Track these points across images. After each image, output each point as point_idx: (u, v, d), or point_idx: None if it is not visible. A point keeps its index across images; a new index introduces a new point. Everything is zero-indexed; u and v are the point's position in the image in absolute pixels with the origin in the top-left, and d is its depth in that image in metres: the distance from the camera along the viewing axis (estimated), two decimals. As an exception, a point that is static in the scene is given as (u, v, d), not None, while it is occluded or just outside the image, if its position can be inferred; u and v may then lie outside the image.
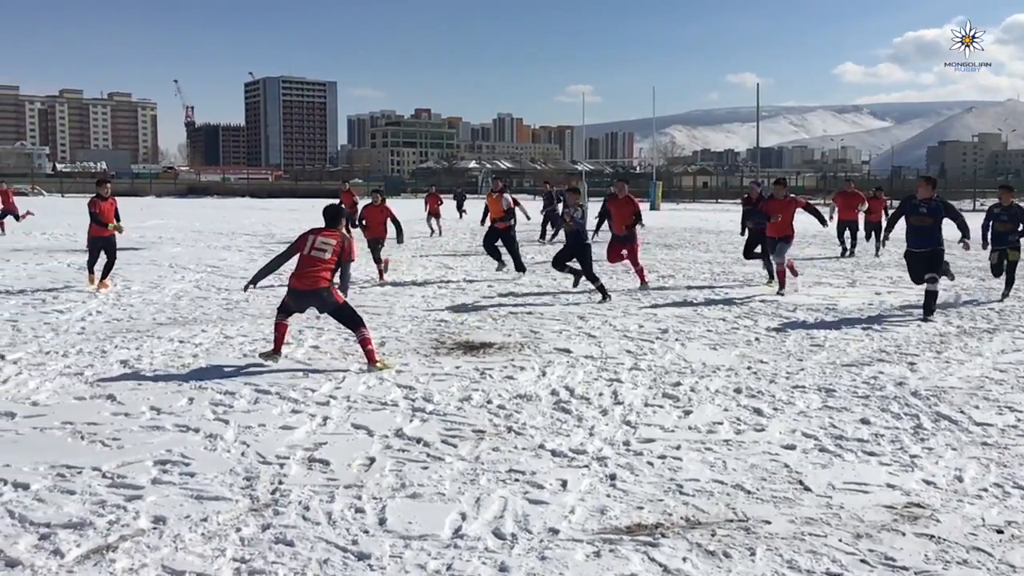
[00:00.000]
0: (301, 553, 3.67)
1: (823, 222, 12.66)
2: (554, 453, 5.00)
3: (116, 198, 12.58)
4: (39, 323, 9.23)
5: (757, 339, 8.57)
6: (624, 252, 12.04)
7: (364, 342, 7.23)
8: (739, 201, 27.65)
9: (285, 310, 7.43)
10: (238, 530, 3.88)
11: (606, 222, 12.24)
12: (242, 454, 4.97)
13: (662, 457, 4.95)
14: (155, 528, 3.89)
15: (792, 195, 12.29)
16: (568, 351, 7.92)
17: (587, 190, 52.25)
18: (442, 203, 25.39)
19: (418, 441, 5.21)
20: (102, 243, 11.99)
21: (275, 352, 7.39)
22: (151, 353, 7.72)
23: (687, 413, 5.87)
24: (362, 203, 16.66)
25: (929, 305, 9.67)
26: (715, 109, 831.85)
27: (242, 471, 4.66)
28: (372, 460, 4.86)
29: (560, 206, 24.70)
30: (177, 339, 8.40)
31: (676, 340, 8.45)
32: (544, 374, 6.99)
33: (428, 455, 4.96)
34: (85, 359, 7.47)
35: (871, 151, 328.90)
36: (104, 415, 5.74)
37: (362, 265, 13.74)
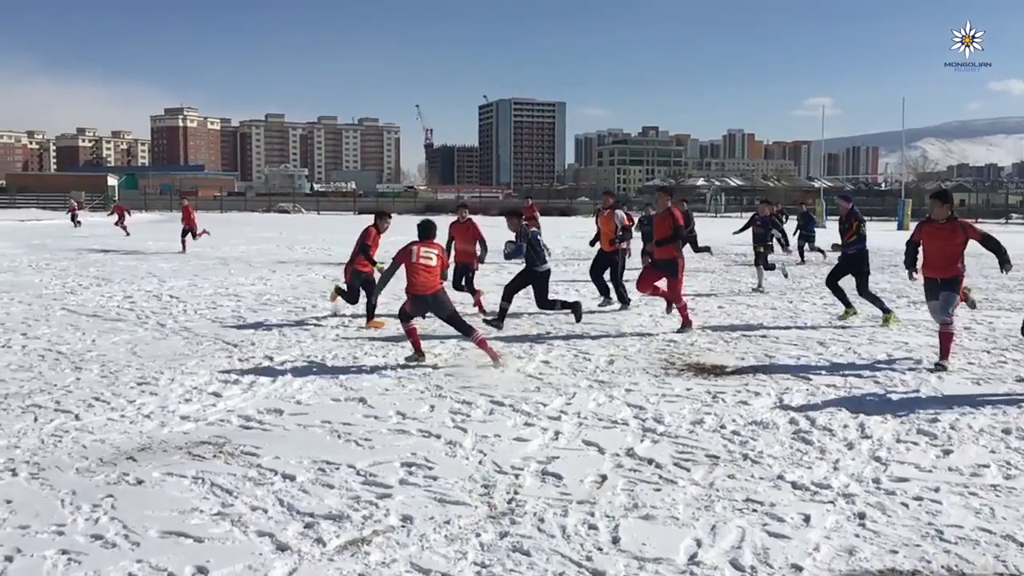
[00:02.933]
0: (537, 564, 3.75)
1: (1003, 263, 7.84)
2: (795, 485, 4.75)
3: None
4: (300, 330, 10.16)
5: (1028, 375, 7.67)
6: (658, 283, 10.12)
7: (481, 343, 7.99)
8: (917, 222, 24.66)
9: (408, 316, 8.20)
10: (478, 535, 4.03)
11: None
12: (479, 462, 5.16)
13: (918, 499, 4.56)
14: (403, 526, 4.14)
15: (961, 218, 8.13)
16: (807, 378, 7.52)
17: (825, 208, 49.69)
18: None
19: (650, 462, 5.15)
20: (362, 279, 10.78)
21: (418, 354, 8.15)
22: (396, 361, 8.24)
23: (946, 453, 5.37)
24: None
25: None
26: (974, 120, 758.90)
27: (480, 478, 4.85)
28: (604, 478, 4.88)
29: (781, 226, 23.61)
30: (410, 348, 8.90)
31: (931, 372, 7.76)
32: (781, 401, 6.68)
33: (660, 477, 4.89)
34: (340, 364, 8.12)
35: None
36: (357, 416, 6.21)
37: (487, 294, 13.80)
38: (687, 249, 13.79)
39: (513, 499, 4.52)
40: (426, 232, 8.42)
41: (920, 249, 8.24)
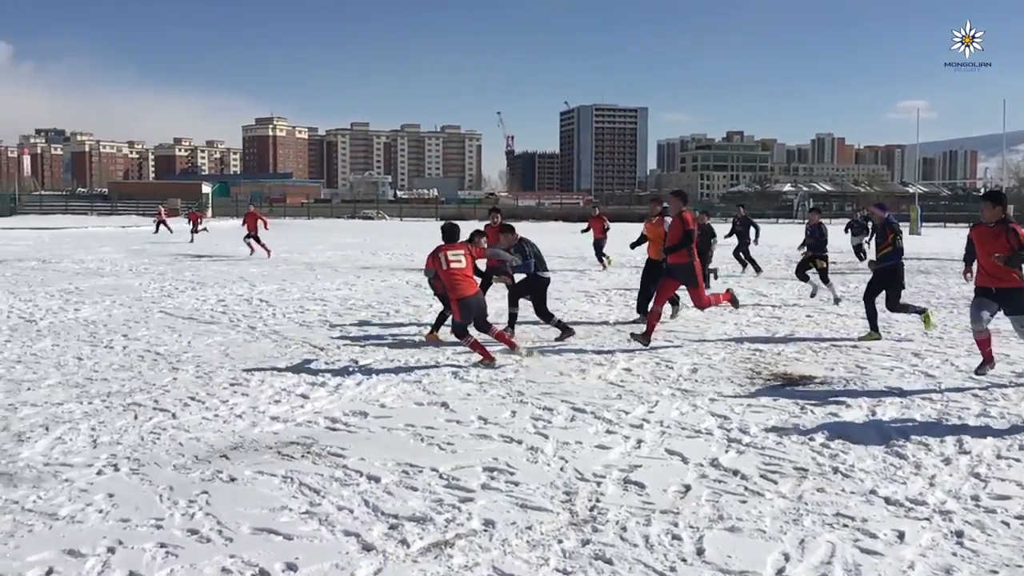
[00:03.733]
0: (620, 572, 3.72)
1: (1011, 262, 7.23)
2: (888, 501, 4.59)
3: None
4: (384, 334, 10.34)
5: None
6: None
7: (499, 337, 8.50)
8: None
9: (463, 330, 8.39)
10: (559, 542, 4.03)
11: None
12: (561, 469, 5.16)
13: (1020, 518, 4.35)
14: (485, 530, 4.17)
15: (1014, 222, 7.49)
16: (901, 390, 7.26)
17: (920, 214, 47.97)
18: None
19: (735, 473, 5.06)
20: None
21: (489, 359, 8.25)
22: (477, 366, 8.30)
23: (1052, 471, 5.10)
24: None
25: None
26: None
27: (561, 485, 4.84)
28: (688, 488, 4.81)
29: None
30: (497, 354, 8.95)
31: (1034, 385, 7.39)
32: (874, 414, 6.46)
33: (746, 489, 4.80)
34: (422, 368, 8.23)
35: None
36: (439, 421, 6.28)
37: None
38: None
39: (595, 507, 4.50)
40: (450, 235, 8.68)
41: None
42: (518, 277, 10.15)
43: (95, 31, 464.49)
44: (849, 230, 23.20)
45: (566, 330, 9.93)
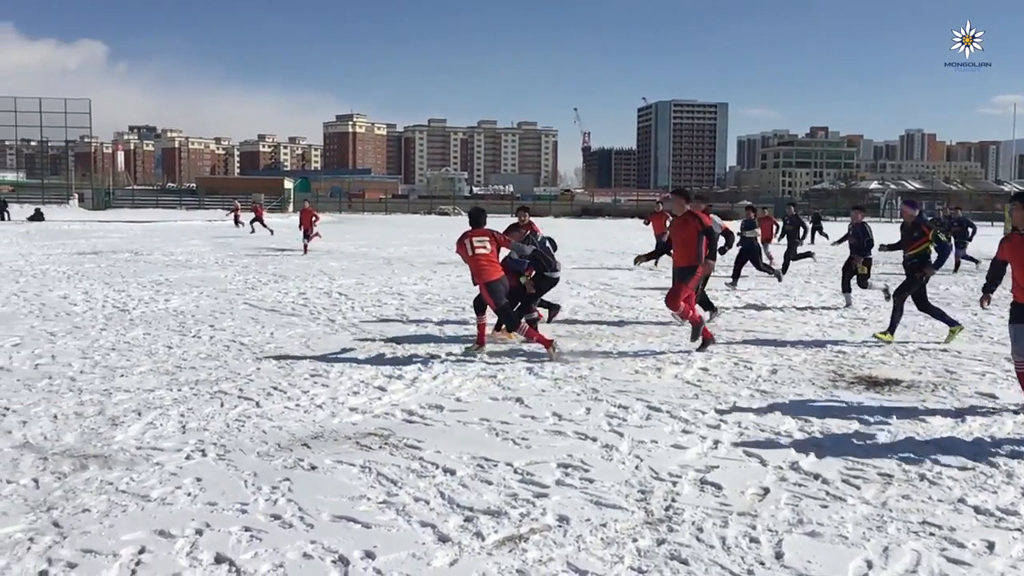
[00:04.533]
0: (696, 573, 3.68)
1: None
2: (977, 510, 4.43)
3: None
4: (460, 328, 10.44)
5: None
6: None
7: (480, 326, 8.77)
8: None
9: (510, 311, 8.68)
10: (634, 540, 4.01)
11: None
12: (636, 467, 5.13)
13: (1123, 534, 4.13)
14: (560, 526, 4.17)
15: None
16: (993, 396, 6.98)
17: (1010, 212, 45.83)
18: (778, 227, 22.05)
19: (816, 477, 4.94)
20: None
21: (479, 345, 8.71)
22: (552, 363, 8.31)
23: None
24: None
25: None
26: None
27: (636, 484, 4.81)
28: (766, 490, 4.72)
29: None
30: (576, 351, 8.94)
31: None
32: (963, 420, 6.22)
33: (827, 493, 4.68)
34: (497, 364, 8.28)
35: None
36: (514, 416, 6.31)
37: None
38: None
39: (671, 506, 4.46)
40: (476, 220, 8.85)
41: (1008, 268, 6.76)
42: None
43: (185, 31, 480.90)
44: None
45: (552, 308, 10.42)
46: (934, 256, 9.53)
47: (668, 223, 11.43)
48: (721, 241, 11.03)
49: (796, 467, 5.12)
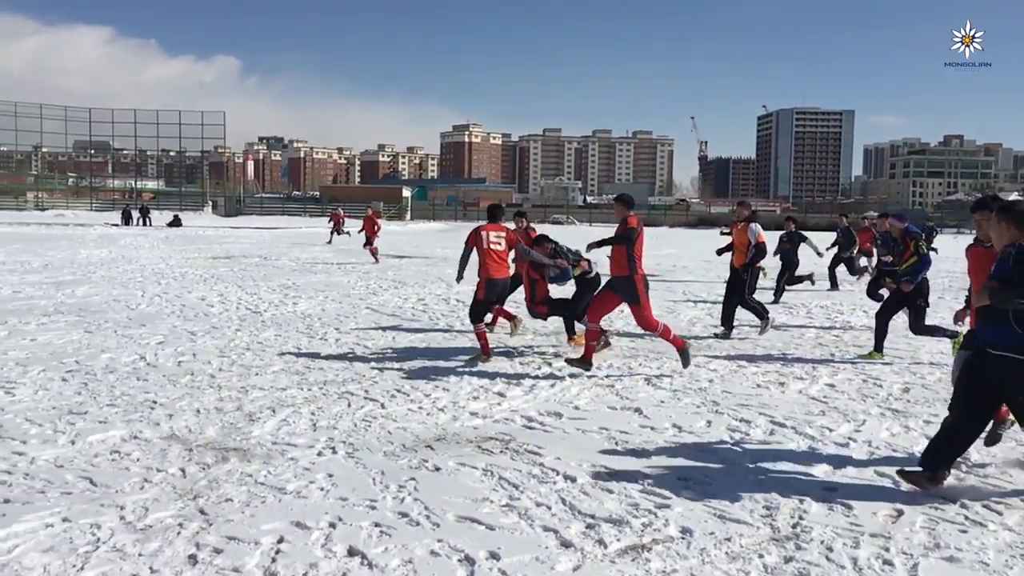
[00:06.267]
0: (825, 594, 3.58)
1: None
2: None
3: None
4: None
5: None
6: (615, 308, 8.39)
7: (480, 329, 8.75)
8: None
9: (480, 314, 8.72)
10: (760, 556, 3.94)
11: None
12: (759, 482, 5.02)
13: None
14: (683, 538, 4.14)
15: None
16: None
17: None
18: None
19: (954, 501, 4.72)
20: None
21: (486, 355, 8.61)
22: (671, 373, 8.23)
23: None
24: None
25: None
26: None
27: (761, 499, 4.72)
28: (900, 512, 4.54)
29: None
30: (693, 363, 8.82)
31: None
32: (1119, 447, 5.80)
33: (967, 518, 4.46)
34: (615, 373, 8.26)
35: None
36: (633, 426, 6.29)
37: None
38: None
39: (798, 524, 4.35)
40: (493, 215, 8.93)
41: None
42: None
43: (313, 46, 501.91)
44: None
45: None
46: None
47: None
48: (748, 252, 10.81)
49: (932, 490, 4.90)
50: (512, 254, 9.34)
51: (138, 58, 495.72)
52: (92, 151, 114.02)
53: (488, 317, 9.58)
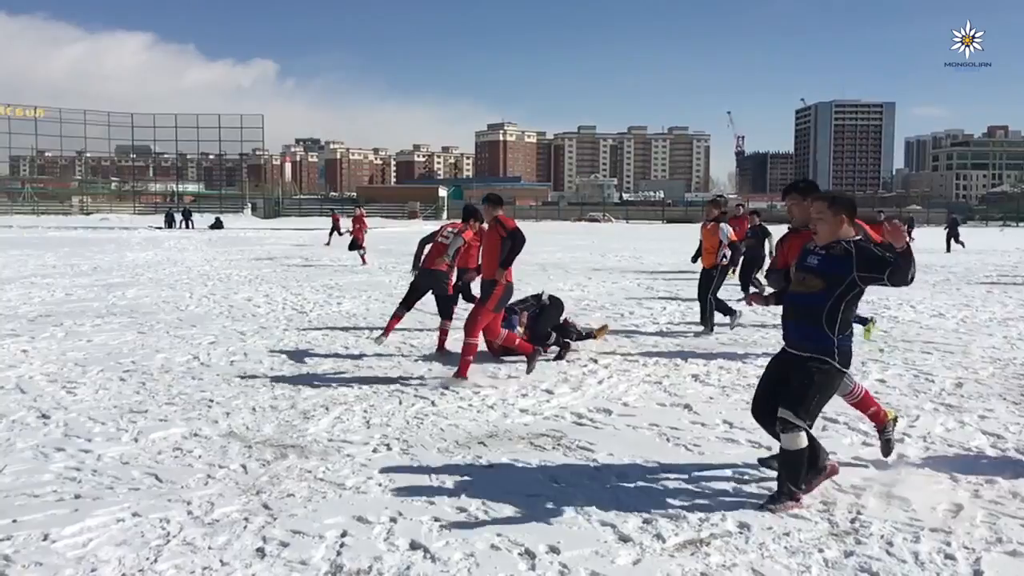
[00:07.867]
0: (888, 588, 3.58)
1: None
2: None
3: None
4: (621, 335, 10.48)
5: None
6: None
7: (442, 331, 9.03)
8: None
9: (407, 302, 9.18)
10: (820, 551, 3.94)
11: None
12: (815, 478, 5.00)
13: None
14: (741, 532, 4.16)
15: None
16: None
17: None
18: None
19: (1014, 495, 4.67)
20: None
21: (384, 335, 9.15)
22: (719, 370, 8.22)
23: None
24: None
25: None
26: None
27: (818, 494, 4.70)
28: (959, 507, 4.51)
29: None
30: (739, 358, 8.79)
31: None
32: None
33: (1029, 513, 4.42)
34: (662, 370, 8.27)
35: None
36: (684, 422, 6.30)
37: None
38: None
39: (856, 519, 4.34)
40: (463, 215, 9.01)
41: None
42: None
43: (348, 48, 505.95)
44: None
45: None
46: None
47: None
48: (726, 252, 10.60)
49: (992, 483, 4.85)
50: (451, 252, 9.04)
51: (178, 63, 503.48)
52: (134, 155, 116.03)
53: (502, 334, 8.16)
